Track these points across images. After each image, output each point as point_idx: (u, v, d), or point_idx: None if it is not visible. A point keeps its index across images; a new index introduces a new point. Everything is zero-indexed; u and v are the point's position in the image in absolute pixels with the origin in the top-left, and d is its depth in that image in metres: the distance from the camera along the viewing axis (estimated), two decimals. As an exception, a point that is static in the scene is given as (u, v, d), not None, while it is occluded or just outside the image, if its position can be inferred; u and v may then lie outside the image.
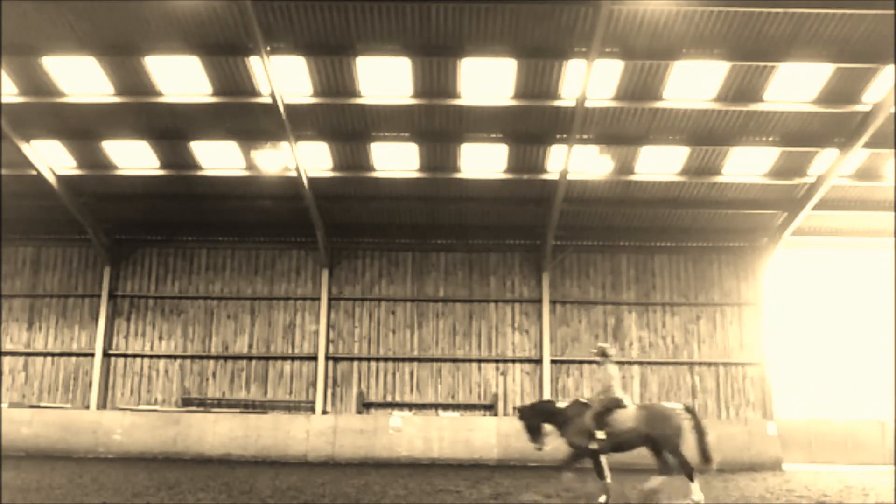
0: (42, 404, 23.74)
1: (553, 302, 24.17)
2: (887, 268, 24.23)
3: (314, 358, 23.95)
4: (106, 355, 24.18)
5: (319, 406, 23.41)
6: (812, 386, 24.46)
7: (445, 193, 23.08)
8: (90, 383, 24.00)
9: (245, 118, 20.10)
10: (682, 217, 23.92)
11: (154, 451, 21.46)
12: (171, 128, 20.68)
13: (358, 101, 19.30)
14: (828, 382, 24.43)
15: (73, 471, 15.35)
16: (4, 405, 23.09)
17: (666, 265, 24.62)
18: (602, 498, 10.48)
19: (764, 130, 20.32)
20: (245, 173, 22.15)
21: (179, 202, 23.72)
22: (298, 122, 20.07)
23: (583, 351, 23.63)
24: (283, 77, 18.51)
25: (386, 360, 24.01)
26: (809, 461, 22.70)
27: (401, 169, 22.00)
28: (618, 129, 20.37)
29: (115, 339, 24.45)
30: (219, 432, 21.78)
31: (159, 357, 24.25)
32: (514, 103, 19.20)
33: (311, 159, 21.59)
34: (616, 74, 18.46)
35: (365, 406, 23.72)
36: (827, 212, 23.26)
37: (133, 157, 21.94)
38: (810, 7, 16.35)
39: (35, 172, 21.67)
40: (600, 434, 10.50)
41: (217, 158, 21.88)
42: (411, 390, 23.83)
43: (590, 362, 23.28)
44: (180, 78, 18.82)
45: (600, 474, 10.76)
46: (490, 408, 23.58)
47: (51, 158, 21.96)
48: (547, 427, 11.32)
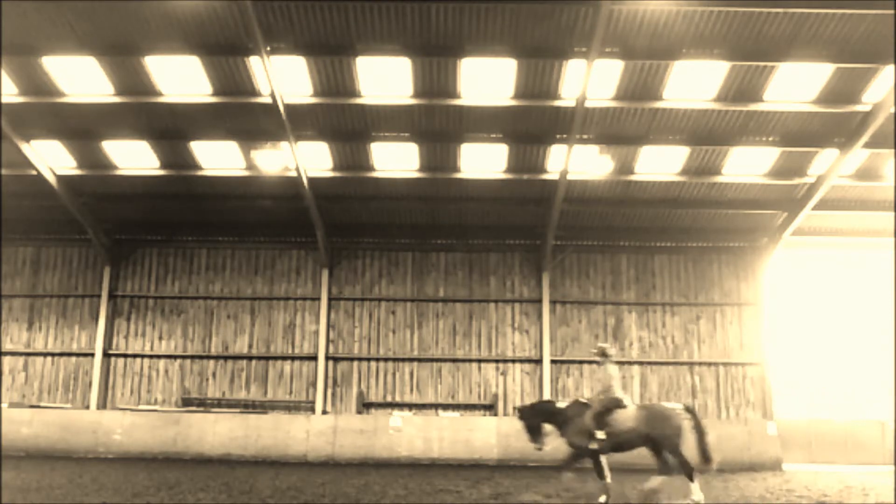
0: (42, 404, 23.75)
1: (553, 302, 24.17)
2: (887, 268, 24.24)
3: (314, 358, 23.96)
4: (106, 355, 24.19)
5: (319, 406, 23.41)
6: (812, 386, 24.46)
7: (445, 193, 23.09)
8: (90, 383, 24.01)
9: (245, 118, 20.11)
10: (682, 217, 23.92)
11: (154, 451, 21.46)
12: (171, 128, 20.69)
13: (358, 101, 19.31)
14: (828, 382, 24.43)
15: (73, 471, 15.34)
16: (4, 405, 23.09)
17: (666, 265, 24.63)
18: (602, 498, 10.49)
19: (764, 130, 20.33)
20: (245, 173, 22.16)
21: (179, 202, 23.72)
22: (298, 122, 20.08)
23: (583, 351, 23.63)
24: (283, 77, 18.52)
25: (386, 360, 24.01)
26: (809, 461, 22.70)
27: (401, 169, 22.01)
28: (618, 129, 20.38)
29: (115, 339, 24.46)
30: (219, 432, 21.79)
31: (159, 357, 24.25)
32: (514, 103, 19.21)
33: (311, 159, 21.59)
34: (616, 74, 18.46)
35: (365, 406, 23.72)
36: (827, 212, 23.27)
37: (133, 157, 21.95)
38: (810, 7, 16.35)
39: (35, 172, 21.68)
40: (600, 434, 10.51)
41: (217, 158, 21.89)
42: (411, 390, 23.84)
43: (590, 362, 23.29)
44: (180, 78, 18.82)
45: (600, 474, 10.77)
46: (490, 408, 23.58)
47: (51, 158, 21.97)
48: (547, 427, 11.32)
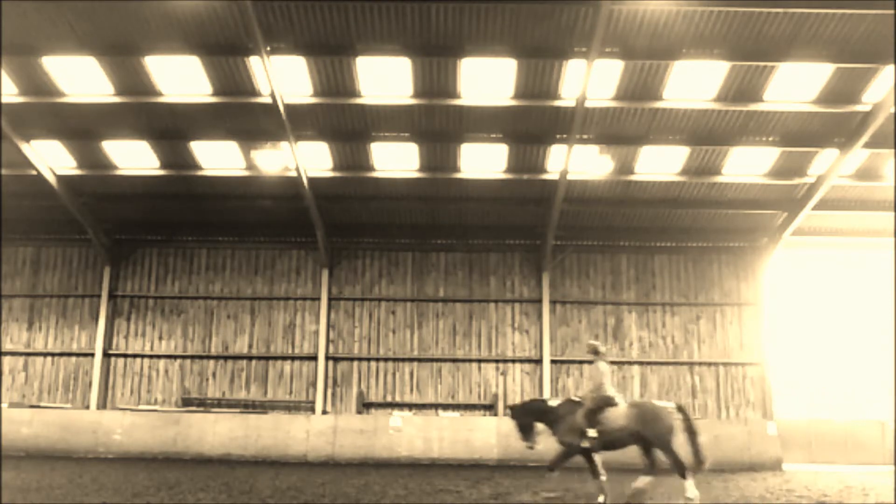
0: (42, 404, 23.75)
1: (553, 302, 24.17)
2: (887, 268, 24.24)
3: (314, 358, 23.96)
4: (106, 355, 24.19)
5: (319, 406, 23.41)
6: (812, 386, 24.46)
7: (445, 193, 23.09)
8: (90, 383, 24.01)
9: (245, 118, 20.11)
10: (682, 217, 23.92)
11: (154, 451, 21.46)
12: (171, 128, 20.69)
13: (358, 101, 19.31)
14: (828, 382, 24.43)
15: (73, 471, 15.34)
16: (4, 405, 23.10)
17: (666, 265, 24.62)
18: (601, 498, 10.47)
19: (764, 130, 20.33)
20: (245, 173, 22.16)
21: (179, 202, 23.73)
22: (298, 122, 20.08)
23: (583, 351, 23.60)
24: (283, 77, 18.52)
25: (386, 360, 24.01)
26: (809, 461, 22.70)
27: (401, 169, 22.01)
28: (618, 129, 20.38)
29: (115, 339, 24.46)
30: (219, 432, 21.78)
31: (159, 357, 24.25)
32: (514, 103, 19.21)
33: (311, 159, 21.59)
34: (616, 74, 18.46)
35: (365, 406, 23.72)
36: (827, 212, 23.27)
37: (133, 157, 21.95)
38: (810, 7, 16.35)
39: (35, 172, 21.68)
40: (592, 432, 10.48)
41: (217, 158, 21.89)
42: (411, 390, 23.84)
43: (590, 362, 23.19)
44: (180, 78, 18.82)
45: (594, 473, 10.75)
46: (490, 408, 23.58)
47: (51, 158, 21.97)
48: (539, 426, 11.31)
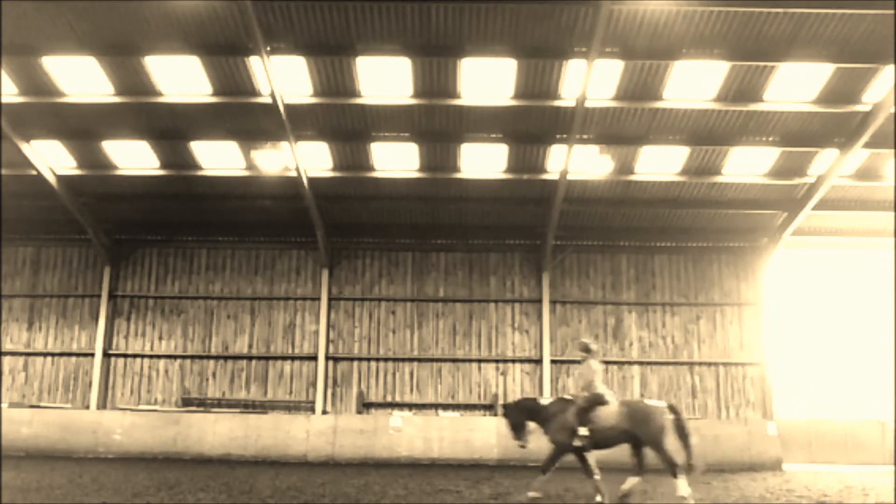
0: (42, 404, 23.75)
1: (553, 302, 24.17)
2: (887, 268, 24.23)
3: (314, 358, 23.96)
4: (106, 355, 24.19)
5: (319, 406, 23.41)
6: (812, 386, 24.45)
7: (445, 193, 23.08)
8: (90, 383, 24.00)
9: (245, 118, 20.10)
10: (682, 217, 23.91)
11: (154, 451, 21.45)
12: (171, 128, 20.68)
13: (358, 101, 19.30)
14: (828, 382, 24.41)
15: (73, 471, 15.34)
16: (4, 405, 23.09)
17: (666, 265, 24.62)
18: (599, 497, 10.47)
19: (764, 130, 20.32)
20: (245, 173, 22.15)
21: (179, 202, 23.72)
22: (298, 122, 20.07)
23: (583, 351, 23.58)
24: (283, 77, 18.51)
25: (386, 360, 24.01)
26: (809, 461, 22.69)
27: (401, 169, 22.00)
28: (618, 129, 20.37)
29: (115, 339, 24.45)
30: (219, 432, 21.78)
31: (159, 357, 24.25)
32: (514, 103, 19.20)
33: (311, 159, 21.59)
34: (616, 74, 18.45)
35: (365, 406, 23.72)
36: (827, 212, 23.26)
37: (133, 157, 21.94)
38: (810, 7, 16.34)
39: (35, 172, 21.68)
40: (583, 431, 10.48)
41: (217, 158, 21.88)
42: (411, 390, 23.83)
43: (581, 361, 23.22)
44: (180, 78, 18.82)
45: (588, 472, 10.75)
46: (490, 408, 23.57)
47: (51, 158, 21.96)
48: (531, 425, 11.30)
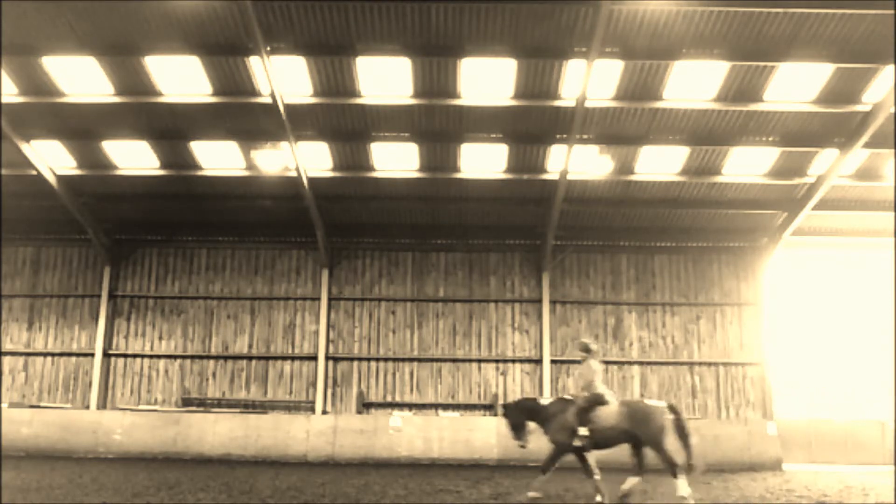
0: (42, 404, 23.75)
1: (553, 302, 24.17)
2: (887, 268, 24.23)
3: (314, 358, 23.96)
4: (106, 355, 24.19)
5: (319, 406, 23.41)
6: (812, 386, 24.45)
7: (445, 193, 23.08)
8: (90, 383, 24.00)
9: (245, 118, 20.10)
10: (682, 217, 23.91)
11: (154, 451, 21.45)
12: (171, 128, 20.68)
13: (358, 101, 19.30)
14: (828, 382, 24.42)
15: (73, 471, 15.34)
16: (4, 405, 23.09)
17: (666, 265, 24.62)
18: (598, 497, 10.47)
19: (764, 130, 20.32)
20: (245, 173, 22.15)
21: (179, 202, 23.72)
22: (298, 122, 20.07)
23: (583, 351, 23.58)
24: (283, 77, 18.51)
25: (386, 360, 24.01)
26: (809, 461, 22.69)
27: (401, 169, 22.00)
28: (618, 129, 20.37)
29: (115, 339, 24.45)
30: (219, 432, 21.78)
31: (159, 357, 24.25)
32: (514, 103, 19.20)
33: (311, 159, 21.59)
34: (616, 74, 18.45)
35: (365, 406, 23.72)
36: (827, 212, 23.26)
37: (133, 157, 21.94)
38: (810, 7, 16.35)
39: (35, 172, 21.68)
40: (583, 431, 10.48)
41: (217, 158, 21.88)
42: (411, 390, 23.83)
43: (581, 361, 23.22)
44: (180, 78, 18.82)
45: (588, 472, 10.75)
46: (490, 408, 23.57)
47: (51, 158, 21.96)
48: (531, 425, 11.30)
